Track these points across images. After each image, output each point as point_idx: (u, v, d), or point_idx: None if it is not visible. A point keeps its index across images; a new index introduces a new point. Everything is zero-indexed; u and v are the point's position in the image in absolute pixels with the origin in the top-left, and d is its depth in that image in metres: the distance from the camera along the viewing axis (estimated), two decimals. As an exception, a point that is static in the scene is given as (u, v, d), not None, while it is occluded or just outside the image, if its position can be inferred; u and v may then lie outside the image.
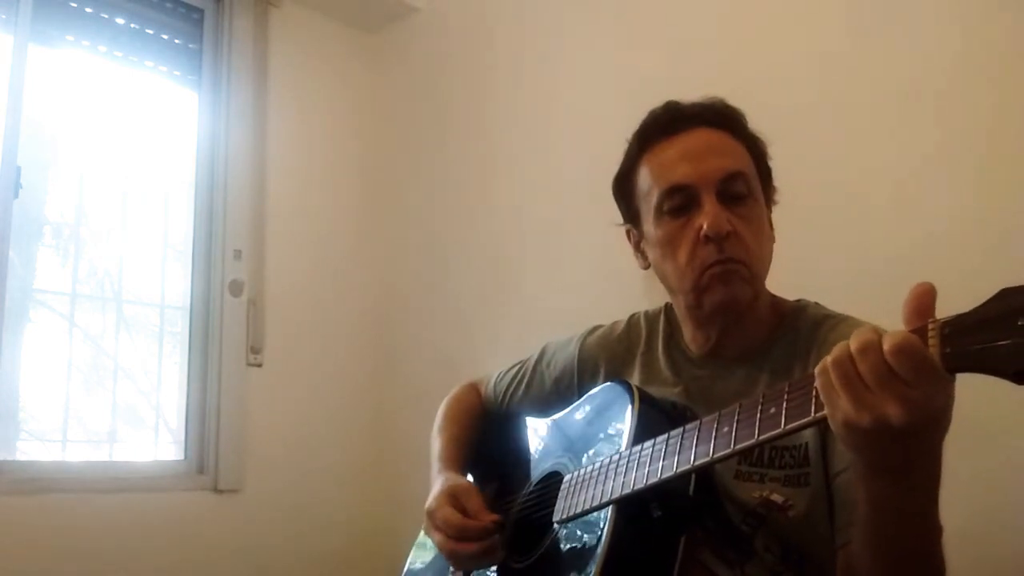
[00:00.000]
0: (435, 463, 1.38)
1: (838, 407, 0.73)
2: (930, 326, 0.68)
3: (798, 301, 1.20)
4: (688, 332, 1.21)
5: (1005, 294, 0.63)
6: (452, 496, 1.22)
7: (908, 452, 0.75)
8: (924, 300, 0.71)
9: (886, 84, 1.90)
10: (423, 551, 1.41)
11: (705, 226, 1.07)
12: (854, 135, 1.95)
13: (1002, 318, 0.62)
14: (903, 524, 0.83)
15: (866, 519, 0.84)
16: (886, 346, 0.69)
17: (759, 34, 2.16)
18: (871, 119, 1.93)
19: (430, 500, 1.25)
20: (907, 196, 1.85)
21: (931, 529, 0.84)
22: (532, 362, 1.43)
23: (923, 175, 1.83)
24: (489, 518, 1.17)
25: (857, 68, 1.96)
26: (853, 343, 0.73)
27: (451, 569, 1.27)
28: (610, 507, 0.99)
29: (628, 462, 0.98)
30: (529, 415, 1.39)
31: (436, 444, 1.43)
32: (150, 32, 2.77)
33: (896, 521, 0.82)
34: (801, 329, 1.13)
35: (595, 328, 1.37)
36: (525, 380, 1.42)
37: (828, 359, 0.74)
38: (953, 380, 0.69)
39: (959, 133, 1.80)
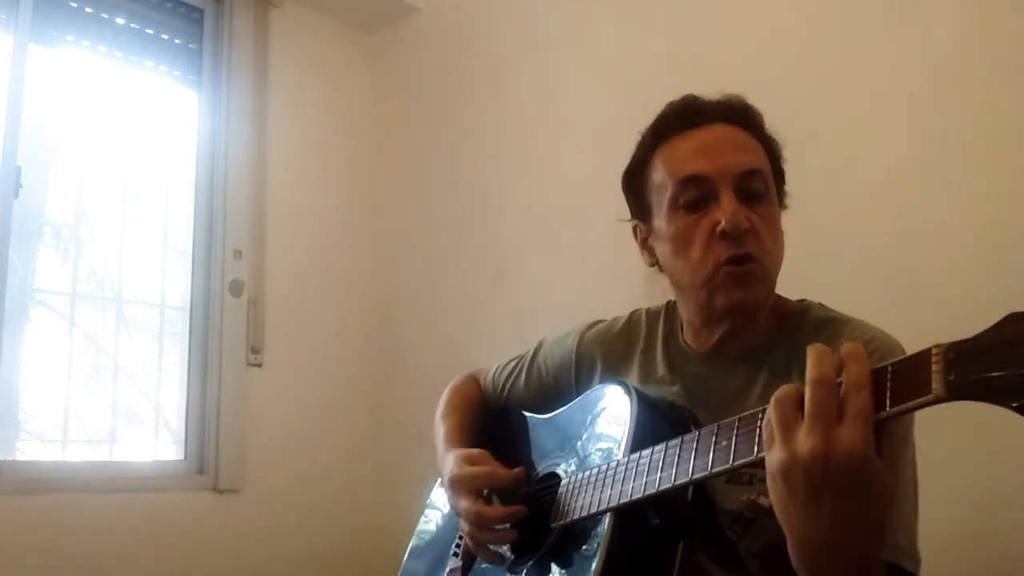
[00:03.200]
0: (442, 445, 1.37)
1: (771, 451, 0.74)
2: (934, 351, 0.65)
3: (801, 301, 1.18)
4: (692, 330, 1.19)
5: (1012, 320, 0.61)
6: (470, 460, 1.22)
7: (832, 518, 0.71)
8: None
9: (883, 84, 1.92)
10: (420, 548, 1.41)
11: (723, 221, 1.04)
12: (848, 134, 1.96)
13: (1009, 346, 0.60)
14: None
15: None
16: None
17: (759, 33, 2.16)
18: (863, 117, 1.94)
19: (450, 470, 1.24)
20: (896, 195, 1.87)
21: None
22: (529, 356, 1.42)
23: (912, 173, 1.85)
24: (511, 473, 1.17)
25: (855, 68, 1.97)
26: (809, 373, 0.74)
27: (452, 551, 1.27)
28: (608, 514, 0.99)
29: (627, 471, 0.97)
30: (527, 409, 1.38)
31: (441, 429, 1.41)
32: (150, 32, 2.77)
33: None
34: (804, 330, 1.11)
35: (594, 323, 1.36)
36: (523, 374, 1.41)
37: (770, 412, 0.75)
38: (872, 434, 0.69)
39: (944, 133, 1.81)
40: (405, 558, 1.43)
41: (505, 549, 1.18)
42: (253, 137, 2.84)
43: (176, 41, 2.83)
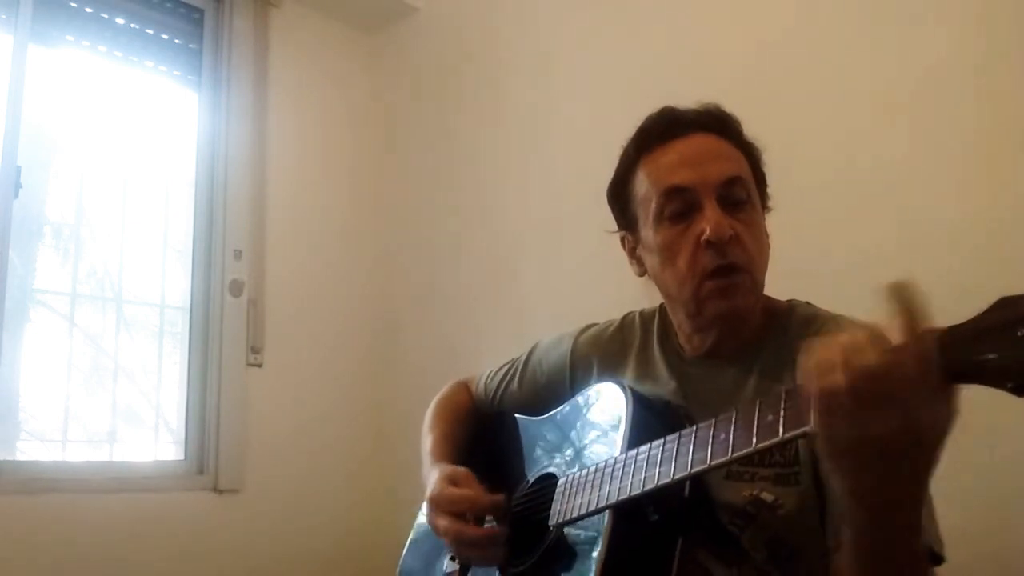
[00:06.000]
0: (426, 459, 1.38)
1: (833, 428, 0.72)
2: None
3: (789, 301, 1.20)
4: (684, 335, 1.20)
5: (1005, 303, 0.62)
6: (453, 481, 1.22)
7: (895, 478, 0.73)
8: (910, 303, 0.69)
9: (883, 84, 1.92)
10: (418, 543, 1.41)
11: (708, 231, 1.06)
12: (848, 135, 1.96)
13: (1001, 329, 0.61)
14: (889, 557, 0.80)
15: (851, 548, 0.83)
16: (877, 363, 0.68)
17: (759, 35, 2.16)
18: (863, 119, 1.94)
19: (431, 487, 1.25)
20: (892, 195, 1.87)
21: (918, 560, 0.83)
22: (522, 360, 1.43)
23: (909, 174, 1.85)
24: (492, 499, 1.17)
25: (855, 69, 1.97)
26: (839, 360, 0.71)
27: (447, 559, 1.27)
28: (607, 511, 0.99)
29: (624, 467, 0.98)
30: (521, 413, 1.38)
31: (427, 441, 1.42)
32: (150, 32, 2.77)
33: (883, 554, 0.80)
34: (791, 329, 1.13)
35: (588, 327, 1.37)
36: (516, 378, 1.42)
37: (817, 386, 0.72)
38: (949, 397, 0.68)
39: (944, 134, 1.81)
40: (402, 557, 1.43)
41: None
42: (253, 137, 2.84)
43: (176, 41, 2.83)
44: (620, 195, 1.21)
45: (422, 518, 1.44)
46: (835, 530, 0.98)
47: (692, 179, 1.09)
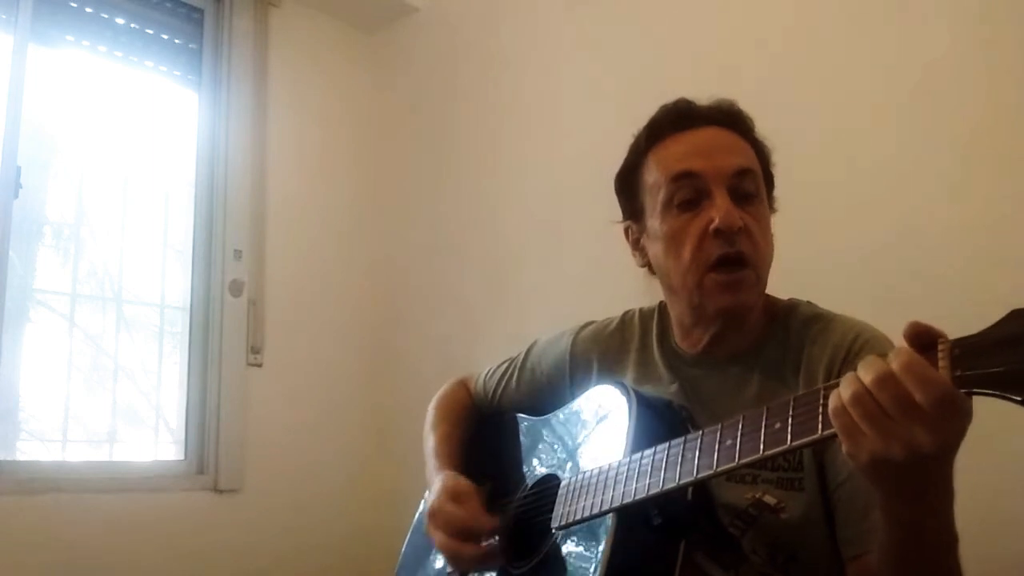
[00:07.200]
0: (431, 461, 1.38)
1: (863, 445, 0.72)
2: (940, 347, 0.67)
3: (790, 300, 1.19)
4: (682, 330, 1.20)
5: (1016, 316, 0.63)
6: (453, 496, 1.21)
7: (929, 475, 0.75)
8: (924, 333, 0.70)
9: (883, 82, 1.92)
10: (418, 535, 1.41)
11: (717, 219, 1.05)
12: (847, 133, 1.97)
13: (1012, 342, 0.62)
14: (926, 542, 0.82)
15: (889, 542, 0.84)
16: (906, 375, 0.68)
17: (759, 33, 2.16)
18: (863, 118, 1.95)
19: (431, 499, 1.24)
20: (892, 194, 1.87)
21: (952, 541, 0.84)
22: (522, 358, 1.42)
23: (912, 172, 1.86)
24: (488, 521, 1.17)
25: (854, 67, 1.98)
26: (867, 376, 0.71)
27: (448, 569, 1.27)
28: (610, 514, 0.99)
29: (628, 471, 0.97)
30: (520, 411, 1.38)
31: (430, 442, 1.42)
32: (150, 32, 2.76)
33: (919, 540, 0.82)
34: (792, 328, 1.13)
35: (587, 324, 1.37)
36: (515, 376, 1.42)
37: (844, 396, 0.72)
38: (963, 405, 0.69)
39: (944, 132, 1.82)
40: (403, 549, 1.43)
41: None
42: (253, 137, 2.84)
43: (176, 41, 2.83)
44: (628, 183, 1.21)
45: (424, 507, 1.43)
46: (850, 539, 0.98)
47: (703, 167, 1.09)
